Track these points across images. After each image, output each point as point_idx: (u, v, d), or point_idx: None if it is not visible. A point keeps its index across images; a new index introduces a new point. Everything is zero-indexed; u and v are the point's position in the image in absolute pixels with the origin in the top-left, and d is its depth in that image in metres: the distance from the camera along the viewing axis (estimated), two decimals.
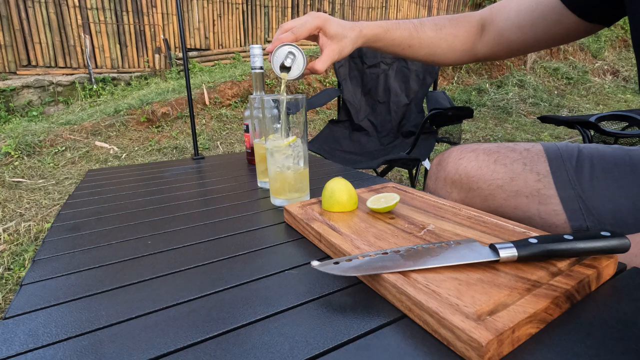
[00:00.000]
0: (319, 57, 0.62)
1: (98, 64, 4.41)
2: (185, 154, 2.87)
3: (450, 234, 0.47)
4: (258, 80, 0.80)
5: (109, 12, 4.36)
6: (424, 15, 7.33)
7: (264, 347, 0.31)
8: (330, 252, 0.47)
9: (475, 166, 0.68)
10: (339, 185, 0.56)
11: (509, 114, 4.03)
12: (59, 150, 2.76)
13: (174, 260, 0.48)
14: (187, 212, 0.67)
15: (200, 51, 5.00)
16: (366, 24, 0.66)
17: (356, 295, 0.38)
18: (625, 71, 5.37)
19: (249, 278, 0.43)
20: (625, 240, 0.37)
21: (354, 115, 2.00)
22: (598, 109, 4.42)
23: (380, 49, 0.69)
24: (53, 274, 0.46)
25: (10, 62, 3.92)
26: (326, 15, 0.62)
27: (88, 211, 0.70)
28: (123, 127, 3.11)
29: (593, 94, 4.81)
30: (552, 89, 4.75)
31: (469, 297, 0.32)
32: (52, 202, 2.12)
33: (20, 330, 0.35)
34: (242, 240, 0.54)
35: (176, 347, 0.32)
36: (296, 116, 0.63)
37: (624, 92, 4.93)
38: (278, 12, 5.62)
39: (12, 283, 1.42)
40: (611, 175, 0.59)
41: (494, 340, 0.27)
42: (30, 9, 3.93)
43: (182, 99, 3.44)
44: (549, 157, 0.64)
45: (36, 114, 3.68)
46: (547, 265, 0.37)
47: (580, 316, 0.32)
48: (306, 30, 0.60)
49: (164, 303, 0.38)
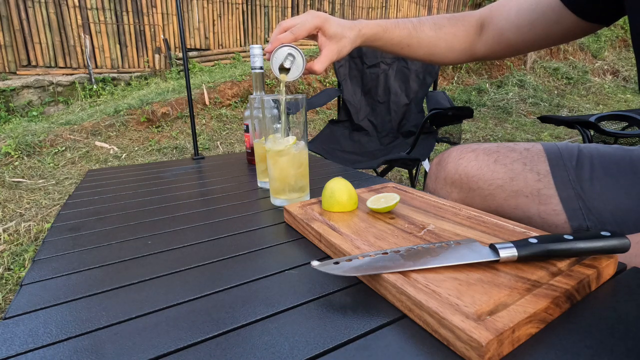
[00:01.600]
0: (318, 57, 0.62)
1: (98, 64, 4.41)
2: (185, 154, 2.87)
3: (450, 234, 0.47)
4: (258, 80, 0.80)
5: (109, 12, 4.36)
6: (424, 15, 7.33)
7: (264, 347, 0.31)
8: (330, 252, 0.47)
9: (475, 166, 0.68)
10: (339, 185, 0.56)
11: (509, 114, 4.03)
12: (59, 150, 2.76)
13: (174, 260, 0.48)
14: (187, 212, 0.67)
15: (200, 51, 5.00)
16: (365, 23, 0.65)
17: (356, 295, 0.38)
18: (625, 71, 5.37)
19: (249, 278, 0.43)
20: (625, 240, 0.37)
21: (354, 115, 2.00)
22: (598, 109, 4.42)
23: (379, 48, 0.69)
24: (53, 274, 0.46)
25: (10, 62, 3.92)
26: (325, 14, 0.62)
27: (88, 211, 0.70)
28: (123, 127, 3.11)
29: (593, 94, 4.81)
30: (552, 89, 4.75)
31: (469, 297, 0.32)
32: (52, 202, 2.12)
33: (20, 330, 0.35)
34: (242, 240, 0.54)
35: (176, 347, 0.32)
36: (296, 116, 0.63)
37: (624, 92, 4.93)
38: (278, 12, 5.62)
39: (12, 283, 1.42)
40: (611, 175, 0.59)
41: (494, 340, 0.27)
42: (30, 9, 3.93)
43: (182, 99, 3.44)
44: (549, 157, 0.64)
45: (36, 114, 3.68)
46: (547, 265, 0.37)
47: (580, 316, 0.32)
48: (305, 30, 0.60)
49: (164, 303, 0.38)
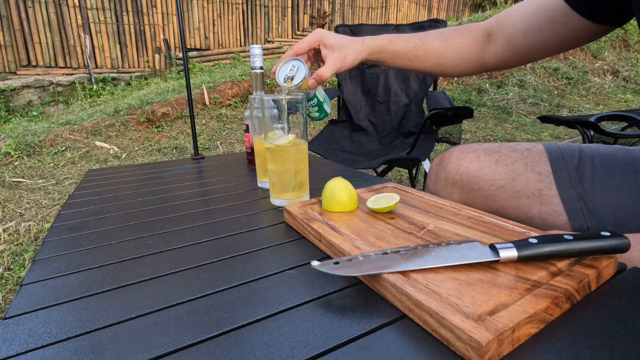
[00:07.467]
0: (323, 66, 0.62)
1: (98, 64, 4.41)
2: (185, 154, 2.87)
3: (450, 234, 0.47)
4: (258, 80, 0.80)
5: (109, 12, 4.36)
6: (424, 15, 7.33)
7: (264, 347, 0.31)
8: (330, 252, 0.47)
9: (477, 166, 0.68)
10: (339, 185, 0.56)
11: (509, 114, 4.03)
12: (59, 150, 2.76)
13: (174, 260, 0.48)
14: (187, 212, 0.67)
15: (200, 51, 5.00)
16: (369, 36, 0.66)
17: (356, 295, 0.38)
18: (625, 71, 5.37)
19: (249, 278, 0.43)
20: (625, 240, 0.37)
21: (354, 115, 2.00)
22: (598, 109, 4.42)
23: (384, 61, 0.68)
24: (53, 274, 0.46)
25: (10, 62, 3.92)
26: (325, 30, 0.64)
27: (88, 211, 0.70)
28: (123, 127, 3.11)
29: (593, 94, 4.81)
30: (552, 89, 4.75)
31: (469, 297, 0.32)
32: (52, 202, 2.12)
33: (20, 330, 0.35)
34: (242, 240, 0.54)
35: (176, 347, 0.32)
36: (296, 116, 0.63)
37: (624, 92, 4.92)
38: (278, 12, 5.62)
39: (12, 283, 1.42)
40: (613, 176, 0.59)
41: (494, 340, 0.27)
42: (30, 9, 3.93)
43: (182, 99, 3.44)
44: (550, 157, 0.64)
45: (36, 114, 3.68)
46: (547, 265, 0.37)
47: (580, 316, 0.32)
48: (305, 44, 0.62)
49: (164, 303, 0.38)
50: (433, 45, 0.67)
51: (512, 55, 0.65)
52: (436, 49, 0.67)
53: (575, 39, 0.58)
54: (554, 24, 0.57)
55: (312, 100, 0.69)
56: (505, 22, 0.64)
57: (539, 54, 0.62)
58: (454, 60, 0.68)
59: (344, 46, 0.62)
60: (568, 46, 0.60)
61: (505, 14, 0.64)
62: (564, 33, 0.57)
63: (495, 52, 0.66)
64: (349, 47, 0.63)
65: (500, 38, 0.65)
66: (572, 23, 0.56)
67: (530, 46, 0.62)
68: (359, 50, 0.64)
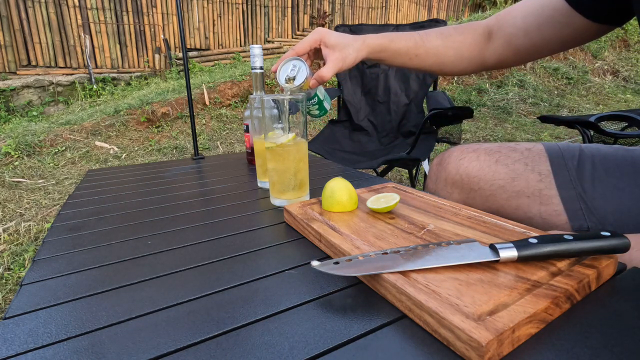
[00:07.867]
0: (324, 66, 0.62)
1: (98, 64, 4.41)
2: (185, 154, 2.87)
3: (450, 234, 0.47)
4: (258, 80, 0.80)
5: (109, 12, 4.36)
6: (424, 15, 7.33)
7: (264, 347, 0.31)
8: (330, 252, 0.47)
9: (477, 166, 0.68)
10: (339, 185, 0.56)
11: (509, 114, 4.03)
12: (59, 150, 2.76)
13: (174, 260, 0.48)
14: (187, 212, 0.67)
15: (200, 51, 5.00)
16: (369, 35, 0.65)
17: (356, 296, 0.38)
18: (625, 71, 5.37)
19: (249, 278, 0.43)
20: (625, 240, 0.37)
21: (354, 115, 2.00)
22: (598, 109, 4.42)
23: (385, 60, 0.68)
24: (53, 274, 0.46)
25: (10, 62, 3.92)
26: (326, 29, 0.63)
27: (88, 211, 0.70)
28: (123, 127, 3.11)
29: (593, 94, 4.81)
30: (552, 89, 4.75)
31: (469, 297, 0.32)
32: (52, 202, 2.12)
33: (20, 330, 0.35)
34: (242, 240, 0.54)
35: (176, 347, 0.32)
36: (296, 116, 0.63)
37: (624, 92, 4.92)
38: (278, 12, 5.62)
39: (12, 283, 1.42)
40: (613, 176, 0.59)
41: (494, 340, 0.27)
42: (30, 9, 3.93)
43: (182, 99, 3.44)
44: (550, 157, 0.64)
45: (36, 114, 3.68)
46: (547, 265, 0.37)
47: (580, 316, 0.32)
48: (305, 44, 0.62)
49: (164, 303, 0.38)
50: (433, 44, 0.67)
51: (512, 54, 0.65)
52: (436, 48, 0.67)
53: (576, 38, 0.58)
54: (554, 23, 0.57)
55: (312, 99, 0.70)
56: (506, 21, 0.64)
57: (539, 53, 0.62)
58: (454, 59, 0.68)
59: (344, 45, 0.62)
60: (568, 45, 0.60)
61: (506, 13, 0.64)
62: (564, 32, 0.57)
63: (495, 51, 0.66)
64: (349, 46, 0.63)
65: (501, 37, 0.65)
66: (572, 22, 0.56)
67: (530, 45, 0.62)
68: (360, 49, 0.64)
